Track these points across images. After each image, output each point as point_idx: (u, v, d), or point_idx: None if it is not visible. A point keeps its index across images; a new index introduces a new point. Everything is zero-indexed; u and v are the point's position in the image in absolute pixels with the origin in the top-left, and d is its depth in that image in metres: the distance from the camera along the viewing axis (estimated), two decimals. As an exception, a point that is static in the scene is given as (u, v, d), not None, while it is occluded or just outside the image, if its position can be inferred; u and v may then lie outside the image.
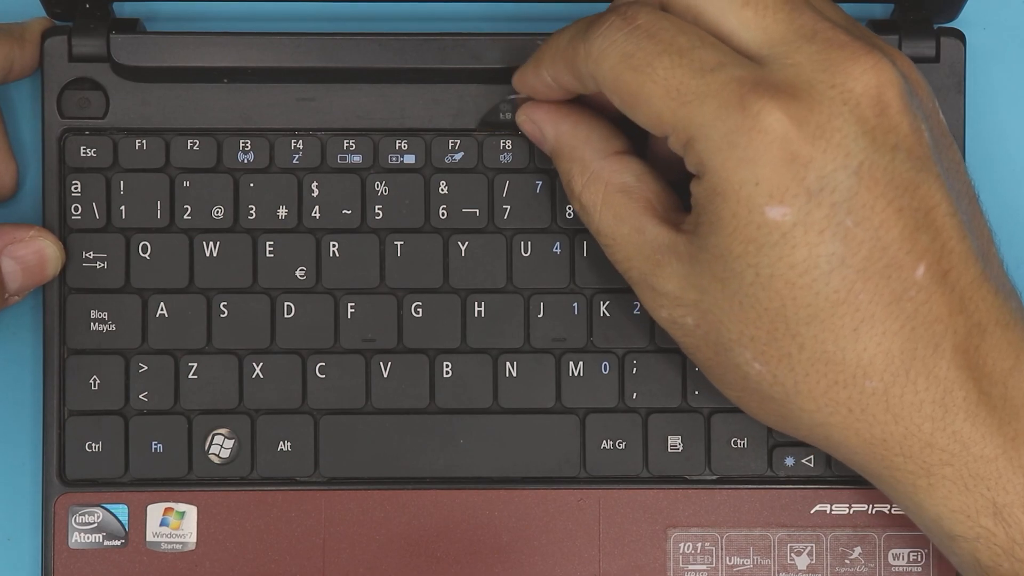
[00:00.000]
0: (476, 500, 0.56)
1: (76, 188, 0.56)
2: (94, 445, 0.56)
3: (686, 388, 0.56)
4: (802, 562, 0.56)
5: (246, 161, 0.56)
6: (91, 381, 0.56)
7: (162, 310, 0.56)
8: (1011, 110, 0.59)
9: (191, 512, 0.56)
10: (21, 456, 0.58)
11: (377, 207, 0.56)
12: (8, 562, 0.58)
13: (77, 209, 0.56)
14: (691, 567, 0.56)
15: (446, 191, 0.56)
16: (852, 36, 0.47)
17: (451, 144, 0.56)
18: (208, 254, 0.56)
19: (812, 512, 0.56)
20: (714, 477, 0.56)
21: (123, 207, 0.56)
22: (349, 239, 0.56)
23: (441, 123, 0.56)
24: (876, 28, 0.56)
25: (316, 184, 0.56)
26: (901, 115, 0.47)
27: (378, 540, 0.56)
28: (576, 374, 0.56)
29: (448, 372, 0.56)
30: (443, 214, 0.56)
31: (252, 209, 0.56)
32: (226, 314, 0.56)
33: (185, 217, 0.56)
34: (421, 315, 0.56)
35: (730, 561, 0.56)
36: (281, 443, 0.56)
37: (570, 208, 0.56)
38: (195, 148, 0.56)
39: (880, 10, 0.58)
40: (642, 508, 0.56)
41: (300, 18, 0.59)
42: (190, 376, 0.56)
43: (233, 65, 0.56)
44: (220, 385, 0.56)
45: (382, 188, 0.56)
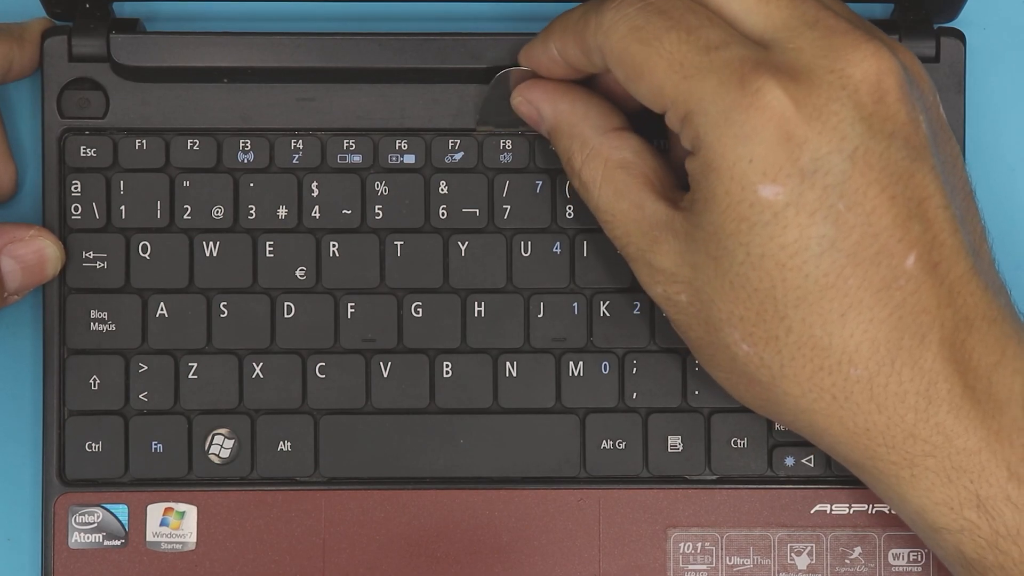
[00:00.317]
0: (476, 500, 0.56)
1: (76, 188, 0.56)
2: (94, 445, 0.56)
3: (686, 388, 0.56)
4: (802, 562, 0.56)
5: (246, 161, 0.56)
6: (91, 381, 0.56)
7: (162, 310, 0.56)
8: (1011, 110, 0.59)
9: (191, 512, 0.56)
10: (21, 456, 0.58)
11: (377, 207, 0.56)
12: (8, 562, 0.58)
13: (77, 209, 0.56)
14: (691, 567, 0.56)
15: (446, 191, 0.56)
16: (853, 25, 0.48)
17: (451, 144, 0.56)
18: (208, 254, 0.56)
19: (812, 512, 0.56)
20: (714, 477, 0.56)
21: (123, 207, 0.56)
22: (349, 239, 0.56)
23: (441, 123, 0.56)
24: (876, 28, 0.56)
25: (316, 184, 0.56)
26: (899, 103, 0.47)
27: (378, 540, 0.56)
28: (576, 374, 0.56)
29: (448, 372, 0.56)
30: (443, 214, 0.56)
31: (252, 209, 0.56)
32: (226, 314, 0.56)
33: (185, 217, 0.56)
34: (421, 315, 0.56)
35: (730, 561, 0.56)
36: (281, 443, 0.56)
37: (570, 208, 0.56)
38: (195, 148, 0.56)
39: (880, 10, 0.58)
40: (642, 508, 0.56)
41: (300, 18, 0.59)
42: (190, 376, 0.56)
43: (233, 65, 0.56)
44: (220, 385, 0.56)
45: (382, 188, 0.56)
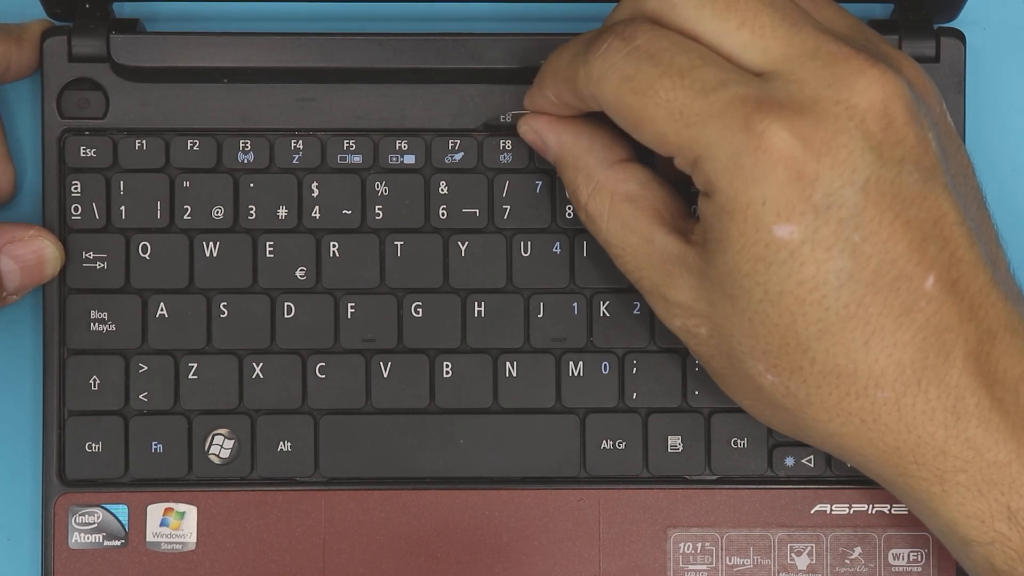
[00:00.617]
0: (476, 500, 0.56)
1: (76, 188, 0.56)
2: (94, 445, 0.56)
3: (686, 388, 0.56)
4: (802, 562, 0.56)
5: (246, 161, 0.56)
6: (91, 381, 0.56)
7: (162, 310, 0.56)
8: (1011, 110, 0.59)
9: (191, 512, 0.56)
10: (21, 456, 0.58)
11: (377, 207, 0.56)
12: (8, 562, 0.58)
13: (77, 209, 0.56)
14: (691, 567, 0.56)
15: (446, 191, 0.56)
16: (855, 48, 0.47)
17: (451, 144, 0.56)
18: (208, 254, 0.56)
19: (812, 512, 0.56)
20: (714, 477, 0.56)
21: (123, 207, 0.56)
22: (349, 239, 0.56)
23: (441, 123, 0.56)
24: (876, 28, 0.56)
25: (316, 184, 0.56)
26: (907, 127, 0.46)
27: (378, 540, 0.56)
28: (576, 374, 0.56)
29: (448, 372, 0.56)
30: (443, 214, 0.56)
31: (252, 209, 0.56)
32: (226, 314, 0.56)
33: (185, 217, 0.56)
34: (421, 315, 0.56)
35: (730, 561, 0.56)
36: (281, 443, 0.56)
37: (570, 208, 0.56)
38: (195, 148, 0.56)
39: (880, 10, 0.58)
40: (642, 508, 0.56)
41: (300, 18, 0.59)
42: (190, 376, 0.56)
43: (233, 65, 0.56)
44: (220, 385, 0.56)
45: (382, 188, 0.56)
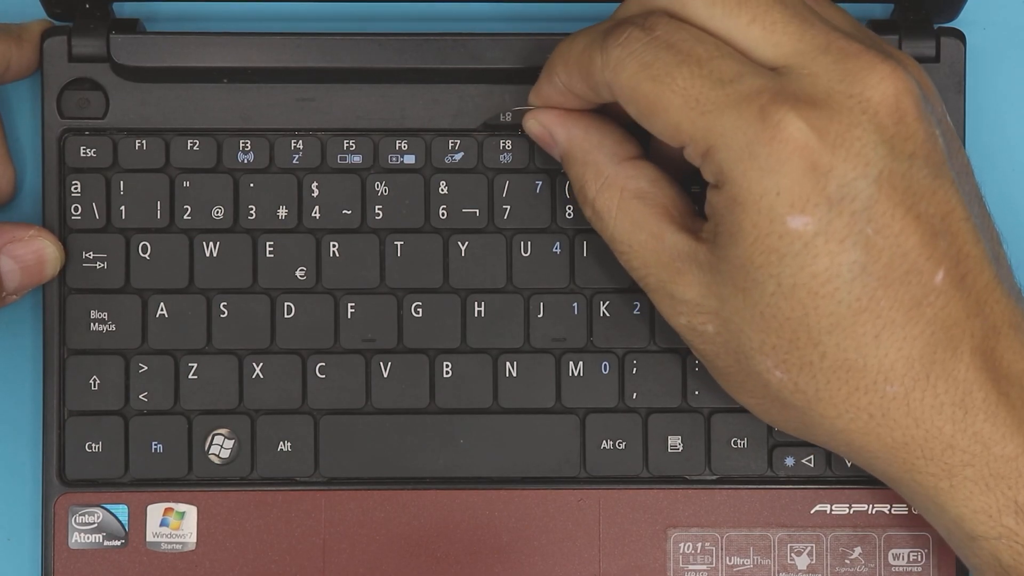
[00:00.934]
0: (476, 500, 0.56)
1: (76, 188, 0.56)
2: (94, 445, 0.56)
3: (686, 388, 0.56)
4: (802, 562, 0.56)
5: (246, 161, 0.56)
6: (91, 381, 0.56)
7: (162, 310, 0.56)
8: (1011, 110, 0.59)
9: (191, 512, 0.56)
10: (21, 456, 0.58)
11: (377, 207, 0.56)
12: (8, 562, 0.58)
13: (77, 209, 0.56)
14: (691, 567, 0.56)
15: (446, 191, 0.56)
16: (865, 45, 0.47)
17: (451, 144, 0.56)
18: (208, 254, 0.56)
19: (812, 512, 0.56)
20: (714, 477, 0.56)
21: (123, 207, 0.56)
22: (349, 239, 0.56)
23: (441, 123, 0.56)
24: (876, 28, 0.56)
25: (316, 184, 0.56)
26: (918, 122, 0.47)
27: (378, 540, 0.56)
28: (576, 374, 0.56)
29: (448, 372, 0.56)
30: (443, 214, 0.56)
31: (252, 209, 0.56)
32: (226, 314, 0.56)
33: (185, 217, 0.56)
34: (421, 315, 0.56)
35: (730, 561, 0.56)
36: (281, 443, 0.56)
37: (570, 208, 0.56)
38: (195, 148, 0.56)
39: (880, 10, 0.58)
40: (642, 508, 0.56)
41: (300, 18, 0.59)
42: (190, 376, 0.56)
43: (233, 65, 0.56)
44: (220, 385, 0.56)
45: (382, 188, 0.56)
